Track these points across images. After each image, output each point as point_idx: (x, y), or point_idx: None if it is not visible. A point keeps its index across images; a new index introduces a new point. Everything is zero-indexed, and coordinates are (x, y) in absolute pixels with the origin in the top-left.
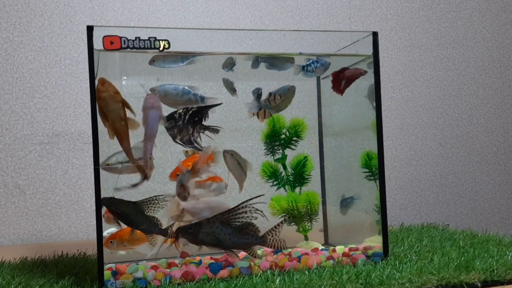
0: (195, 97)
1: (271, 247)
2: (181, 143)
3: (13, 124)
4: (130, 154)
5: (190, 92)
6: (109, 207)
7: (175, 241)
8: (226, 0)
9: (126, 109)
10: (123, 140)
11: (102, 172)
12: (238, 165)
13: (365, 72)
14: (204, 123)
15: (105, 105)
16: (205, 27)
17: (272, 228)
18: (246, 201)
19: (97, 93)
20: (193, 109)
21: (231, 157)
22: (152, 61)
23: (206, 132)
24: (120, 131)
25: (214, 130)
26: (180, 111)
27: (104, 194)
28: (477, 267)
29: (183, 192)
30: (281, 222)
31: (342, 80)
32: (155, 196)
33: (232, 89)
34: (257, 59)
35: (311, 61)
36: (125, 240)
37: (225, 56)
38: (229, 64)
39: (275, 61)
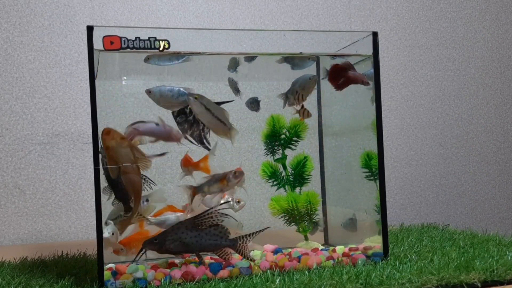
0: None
1: (238, 253)
2: (191, 139)
3: (13, 124)
4: (137, 205)
5: (185, 93)
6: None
7: (138, 254)
8: (226, 0)
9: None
10: (137, 192)
11: (102, 172)
12: (208, 112)
13: (368, 83)
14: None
15: (114, 153)
16: (205, 27)
17: (246, 235)
18: (211, 208)
19: (103, 143)
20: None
21: (195, 102)
22: (147, 59)
23: None
24: (134, 183)
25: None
26: None
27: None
28: (477, 267)
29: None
30: (258, 232)
31: (341, 78)
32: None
33: (236, 89)
34: (251, 58)
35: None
36: (133, 246)
37: (224, 56)
38: (234, 65)
39: (296, 61)
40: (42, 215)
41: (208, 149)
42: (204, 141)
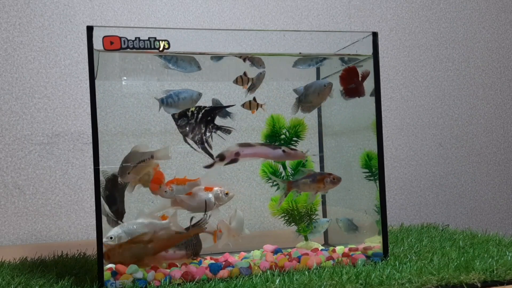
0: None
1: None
2: (192, 143)
3: (13, 124)
4: None
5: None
6: None
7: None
8: (226, 0)
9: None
10: None
11: (102, 172)
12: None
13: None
14: (216, 123)
15: None
16: (205, 27)
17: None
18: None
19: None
20: (205, 108)
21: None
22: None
23: (218, 132)
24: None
25: (226, 130)
26: (193, 109)
27: None
28: (477, 267)
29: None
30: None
31: (352, 83)
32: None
33: (225, 112)
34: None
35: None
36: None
37: (224, 56)
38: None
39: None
40: (42, 215)
41: (210, 154)
42: (206, 145)
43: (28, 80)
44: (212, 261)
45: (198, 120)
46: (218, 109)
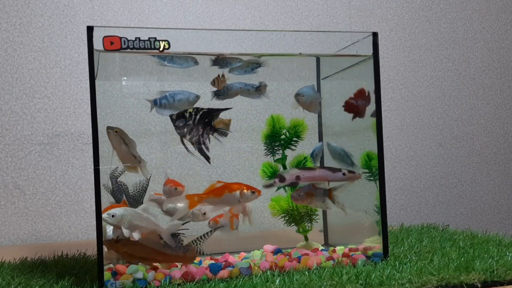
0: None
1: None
2: (187, 146)
3: (13, 125)
4: None
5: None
6: None
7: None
8: (226, 0)
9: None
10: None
11: (102, 172)
12: (124, 144)
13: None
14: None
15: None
16: (205, 27)
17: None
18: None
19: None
20: (203, 110)
21: (116, 135)
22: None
23: (215, 134)
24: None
25: (223, 133)
26: (191, 110)
27: None
28: (477, 267)
29: None
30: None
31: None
32: None
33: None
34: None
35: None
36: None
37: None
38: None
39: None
40: (42, 215)
41: (207, 157)
42: (203, 147)
43: (28, 80)
44: (212, 261)
45: (196, 122)
46: (216, 111)
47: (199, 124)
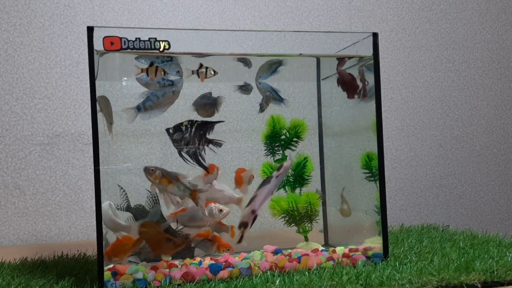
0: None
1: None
2: (187, 158)
3: (13, 125)
4: None
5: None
6: None
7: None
8: (226, 1)
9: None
10: None
11: (102, 173)
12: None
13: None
14: (208, 136)
15: None
16: (205, 27)
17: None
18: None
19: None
20: (197, 122)
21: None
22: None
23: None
24: None
25: (217, 144)
26: (186, 123)
27: None
28: (477, 268)
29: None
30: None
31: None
32: None
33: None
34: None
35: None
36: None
37: (224, 56)
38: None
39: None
40: (42, 215)
41: (204, 167)
42: (200, 158)
43: (29, 80)
44: (212, 262)
45: (192, 134)
46: (210, 123)
47: (195, 136)
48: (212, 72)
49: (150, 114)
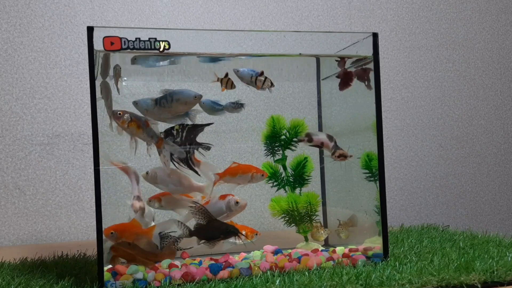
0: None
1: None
2: (179, 162)
3: (13, 125)
4: None
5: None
6: None
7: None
8: (226, 1)
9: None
10: None
11: (103, 173)
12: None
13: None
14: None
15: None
16: (205, 28)
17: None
18: None
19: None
20: (188, 126)
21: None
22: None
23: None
24: None
25: (206, 147)
26: (177, 127)
27: None
28: (477, 268)
29: None
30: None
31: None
32: None
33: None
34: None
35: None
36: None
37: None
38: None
39: None
40: (42, 215)
41: (195, 170)
42: (190, 162)
43: (29, 80)
44: (212, 262)
45: (183, 138)
46: (199, 126)
47: (186, 140)
48: (270, 83)
49: (162, 114)
